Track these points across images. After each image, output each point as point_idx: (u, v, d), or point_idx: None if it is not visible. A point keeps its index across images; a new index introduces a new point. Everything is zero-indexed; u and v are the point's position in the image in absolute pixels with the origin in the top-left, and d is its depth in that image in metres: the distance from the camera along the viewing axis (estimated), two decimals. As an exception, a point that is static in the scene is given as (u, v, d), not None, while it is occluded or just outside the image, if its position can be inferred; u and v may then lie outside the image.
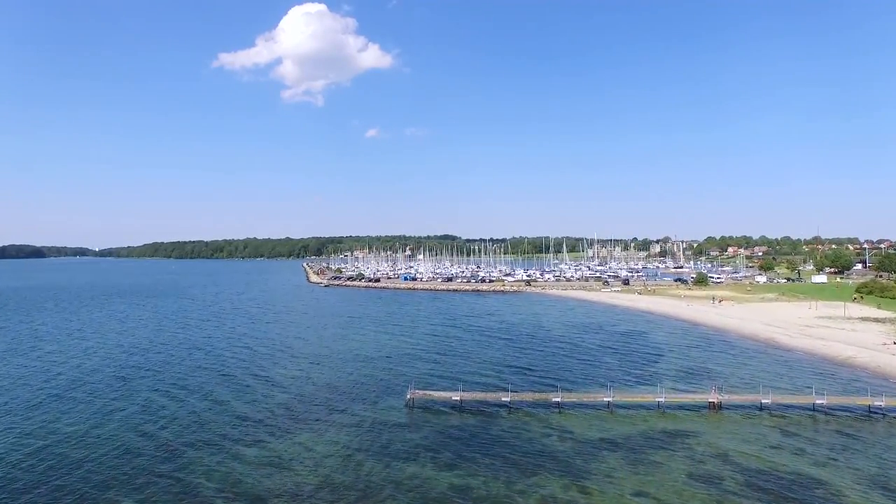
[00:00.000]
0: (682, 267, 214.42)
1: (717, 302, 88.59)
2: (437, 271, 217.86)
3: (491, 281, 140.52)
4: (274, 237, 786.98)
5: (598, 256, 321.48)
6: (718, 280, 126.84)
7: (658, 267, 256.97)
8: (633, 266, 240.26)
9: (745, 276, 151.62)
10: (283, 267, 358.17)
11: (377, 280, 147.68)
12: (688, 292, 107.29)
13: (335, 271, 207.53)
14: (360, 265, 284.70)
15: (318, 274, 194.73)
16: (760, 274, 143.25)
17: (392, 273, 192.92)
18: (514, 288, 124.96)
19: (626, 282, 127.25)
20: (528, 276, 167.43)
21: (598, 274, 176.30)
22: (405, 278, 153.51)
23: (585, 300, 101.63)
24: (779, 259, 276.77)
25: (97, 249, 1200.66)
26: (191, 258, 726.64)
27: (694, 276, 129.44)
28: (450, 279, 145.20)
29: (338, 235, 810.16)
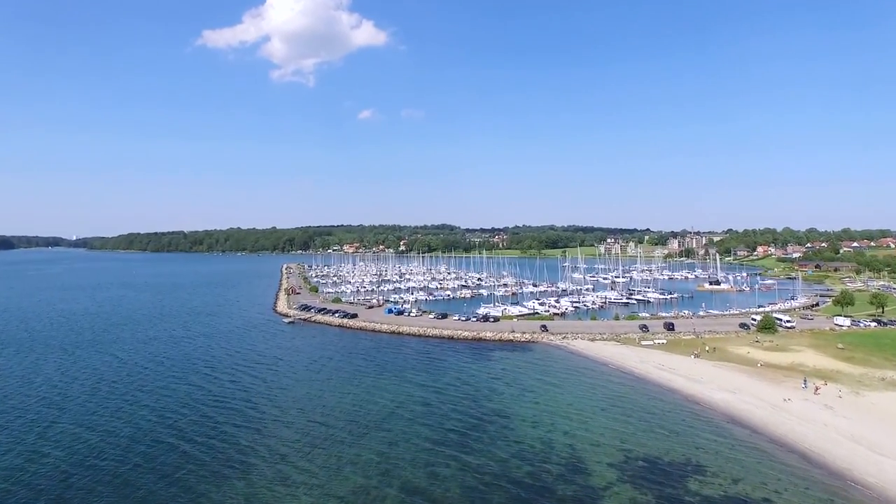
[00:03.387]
0: (718, 283, 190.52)
1: (813, 389, 65.00)
2: (432, 287, 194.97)
3: (496, 319, 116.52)
4: (260, 227, 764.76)
5: (612, 255, 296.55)
6: (788, 324, 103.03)
7: (687, 277, 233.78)
8: (657, 276, 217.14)
9: (811, 311, 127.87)
10: (261, 270, 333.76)
11: (354, 316, 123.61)
12: (760, 354, 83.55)
13: (310, 289, 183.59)
14: (344, 271, 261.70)
15: (289, 295, 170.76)
16: (836, 310, 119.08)
17: (377, 293, 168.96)
18: (527, 337, 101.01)
19: (669, 326, 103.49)
20: (538, 300, 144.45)
21: (624, 299, 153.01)
22: (389, 311, 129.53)
23: (627, 372, 77.62)
24: (824, 266, 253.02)
25: (74, 238, 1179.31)
26: (168, 251, 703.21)
27: (756, 317, 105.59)
28: (444, 316, 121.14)
29: (328, 225, 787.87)
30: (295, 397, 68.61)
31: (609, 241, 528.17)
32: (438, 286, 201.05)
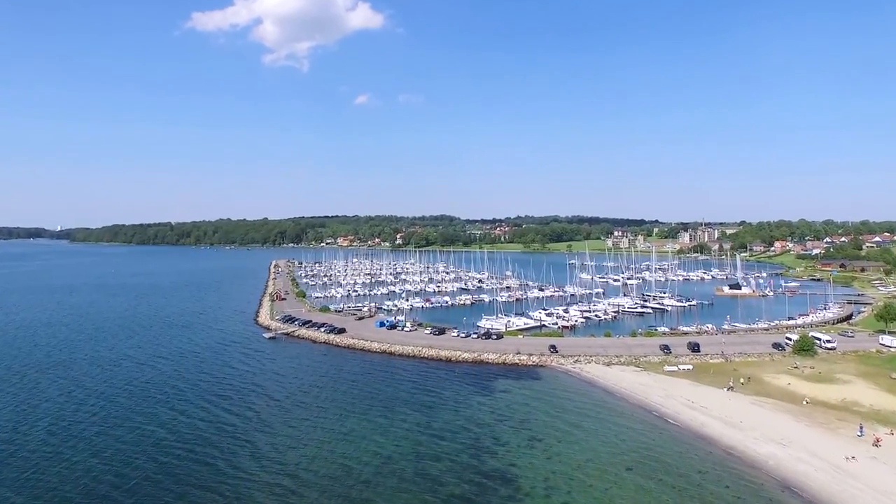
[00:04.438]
0: (739, 287, 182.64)
1: (873, 440, 57.12)
2: (429, 291, 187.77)
3: (499, 336, 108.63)
4: (251, 217, 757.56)
5: (622, 251, 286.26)
6: (829, 345, 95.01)
7: (703, 278, 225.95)
8: (671, 277, 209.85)
9: (849, 325, 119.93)
10: (248, 267, 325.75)
11: (342, 331, 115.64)
12: (803, 386, 75.76)
13: (297, 294, 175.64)
14: (336, 271, 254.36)
15: (273, 301, 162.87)
16: (878, 325, 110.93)
17: (370, 298, 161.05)
18: (534, 360, 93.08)
19: (695, 348, 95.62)
20: (545, 310, 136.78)
21: (639, 308, 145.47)
22: (381, 324, 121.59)
23: (652, 410, 69.62)
24: (849, 265, 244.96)
25: (58, 228, 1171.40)
26: (153, 244, 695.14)
27: (791, 336, 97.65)
28: (442, 331, 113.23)
29: (321, 215, 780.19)
30: (272, 444, 60.65)
31: (616, 234, 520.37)
32: (436, 289, 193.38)
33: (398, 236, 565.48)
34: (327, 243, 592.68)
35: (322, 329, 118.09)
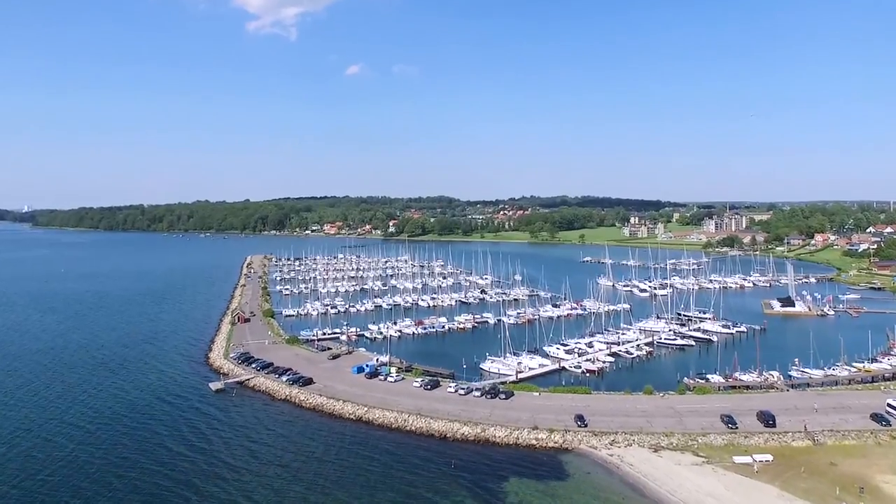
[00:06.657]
0: (791, 303, 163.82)
1: None
2: (422, 304, 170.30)
3: (507, 395, 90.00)
4: (230, 199, 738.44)
5: (639, 240, 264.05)
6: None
7: (743, 286, 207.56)
8: (706, 284, 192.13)
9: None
10: (219, 265, 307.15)
11: (308, 382, 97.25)
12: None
13: (265, 314, 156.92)
14: (317, 274, 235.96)
15: (234, 324, 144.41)
16: None
17: (351, 317, 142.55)
18: (556, 441, 74.81)
19: (768, 421, 77.01)
20: (564, 344, 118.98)
21: (678, 339, 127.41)
22: (359, 370, 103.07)
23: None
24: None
25: (25, 209, 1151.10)
26: (122, 230, 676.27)
27: (894, 402, 79.24)
28: (436, 383, 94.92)
29: (308, 196, 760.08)
30: None
31: (633, 221, 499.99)
32: (431, 303, 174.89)
33: (391, 223, 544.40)
34: (313, 230, 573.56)
35: (284, 378, 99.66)
